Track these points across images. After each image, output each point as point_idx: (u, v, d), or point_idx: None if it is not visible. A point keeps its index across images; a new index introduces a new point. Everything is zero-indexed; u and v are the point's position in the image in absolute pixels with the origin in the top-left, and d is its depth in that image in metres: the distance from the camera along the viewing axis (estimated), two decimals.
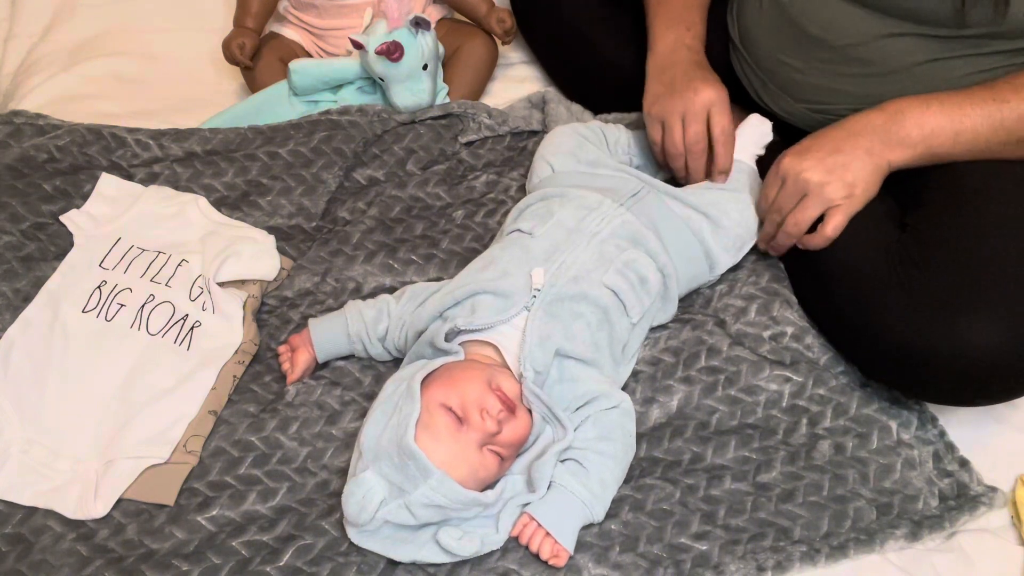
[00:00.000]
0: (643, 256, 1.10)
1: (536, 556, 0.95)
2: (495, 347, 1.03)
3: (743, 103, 1.34)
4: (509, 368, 1.02)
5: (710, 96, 1.15)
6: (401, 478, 0.92)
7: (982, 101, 1.03)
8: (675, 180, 1.24)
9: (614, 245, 1.09)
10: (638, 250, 1.10)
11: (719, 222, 1.16)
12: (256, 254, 1.22)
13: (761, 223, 1.17)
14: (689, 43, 1.21)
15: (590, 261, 1.07)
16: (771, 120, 1.27)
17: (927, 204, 1.08)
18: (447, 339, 1.03)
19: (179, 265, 1.19)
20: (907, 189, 1.11)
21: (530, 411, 0.99)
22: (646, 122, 1.21)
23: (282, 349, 1.14)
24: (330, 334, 1.13)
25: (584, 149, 1.24)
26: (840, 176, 1.05)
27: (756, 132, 1.25)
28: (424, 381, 0.97)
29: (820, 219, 1.08)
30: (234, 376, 1.12)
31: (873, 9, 1.08)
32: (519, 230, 1.13)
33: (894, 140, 1.05)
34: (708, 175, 1.20)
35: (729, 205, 1.17)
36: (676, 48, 1.20)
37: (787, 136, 1.23)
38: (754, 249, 1.20)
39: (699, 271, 1.16)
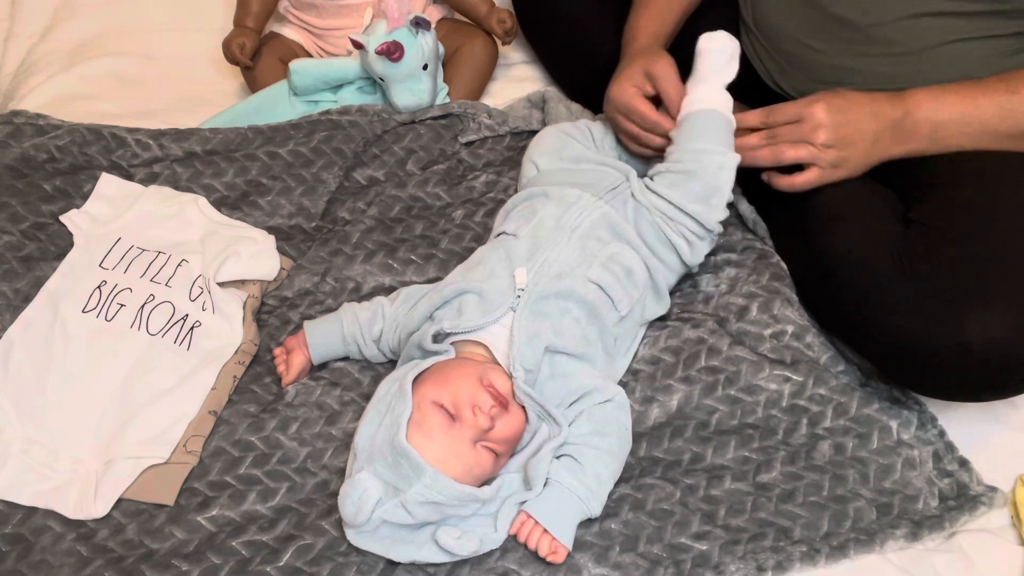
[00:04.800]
0: (626, 248, 1.10)
1: (535, 555, 0.95)
2: (485, 347, 1.03)
3: (753, 85, 1.32)
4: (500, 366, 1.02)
5: (615, 93, 1.19)
6: (395, 477, 0.92)
7: (994, 91, 1.06)
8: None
9: (596, 239, 1.09)
10: (620, 243, 1.10)
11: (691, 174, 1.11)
12: (256, 254, 1.22)
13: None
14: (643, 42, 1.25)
15: (572, 257, 1.07)
16: (782, 102, 1.26)
17: (932, 199, 1.07)
18: (435, 340, 1.03)
19: (179, 265, 1.19)
20: (911, 183, 1.11)
21: (523, 407, 0.99)
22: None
23: (278, 351, 1.14)
24: (325, 336, 1.13)
25: (568, 147, 1.24)
26: (840, 148, 1.08)
27: (717, 59, 1.14)
28: (416, 380, 0.97)
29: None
30: (234, 376, 1.12)
31: None
32: (505, 232, 1.13)
33: (902, 134, 1.08)
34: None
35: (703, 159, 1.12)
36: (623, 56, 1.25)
37: None
38: (755, 249, 1.20)
39: (674, 261, 1.13)
